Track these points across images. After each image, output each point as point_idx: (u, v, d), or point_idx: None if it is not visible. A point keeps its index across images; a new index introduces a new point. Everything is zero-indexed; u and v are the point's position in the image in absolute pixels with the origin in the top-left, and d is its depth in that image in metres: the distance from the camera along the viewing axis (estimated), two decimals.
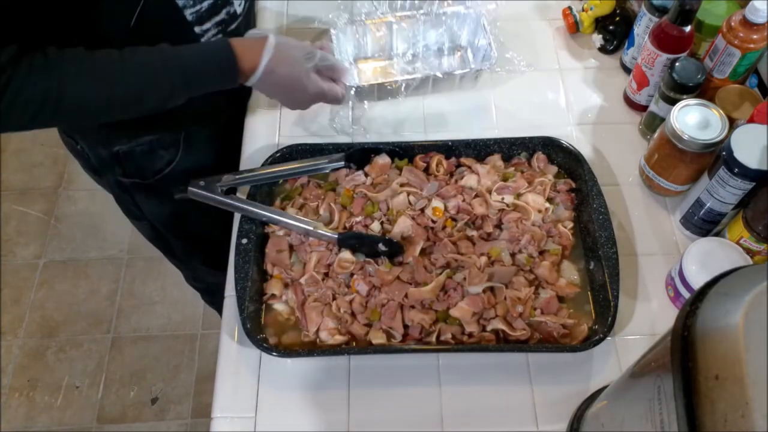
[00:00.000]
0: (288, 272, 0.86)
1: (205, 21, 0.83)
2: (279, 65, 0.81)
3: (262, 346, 0.78)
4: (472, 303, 0.80)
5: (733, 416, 0.35)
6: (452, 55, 1.06)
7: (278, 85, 0.85)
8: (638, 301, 0.86)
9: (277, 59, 0.81)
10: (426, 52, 1.05)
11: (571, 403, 0.76)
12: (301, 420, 0.78)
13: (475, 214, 0.88)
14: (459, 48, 1.05)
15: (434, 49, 1.05)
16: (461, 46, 1.04)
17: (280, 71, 0.82)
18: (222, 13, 0.85)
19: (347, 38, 1.03)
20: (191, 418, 1.77)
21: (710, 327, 0.39)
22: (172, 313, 1.94)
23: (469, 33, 1.03)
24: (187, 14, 0.80)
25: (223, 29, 0.87)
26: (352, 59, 1.04)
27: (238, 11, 0.88)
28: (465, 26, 1.03)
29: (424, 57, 1.05)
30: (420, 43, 1.04)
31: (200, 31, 0.84)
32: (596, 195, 0.87)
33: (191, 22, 0.81)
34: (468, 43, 1.04)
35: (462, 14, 1.03)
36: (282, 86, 0.85)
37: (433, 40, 1.04)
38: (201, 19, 0.82)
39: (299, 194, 0.92)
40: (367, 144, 0.93)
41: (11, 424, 1.76)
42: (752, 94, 0.91)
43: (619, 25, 1.08)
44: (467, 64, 1.04)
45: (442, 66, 1.05)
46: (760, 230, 0.79)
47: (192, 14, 0.81)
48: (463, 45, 1.04)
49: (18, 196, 2.17)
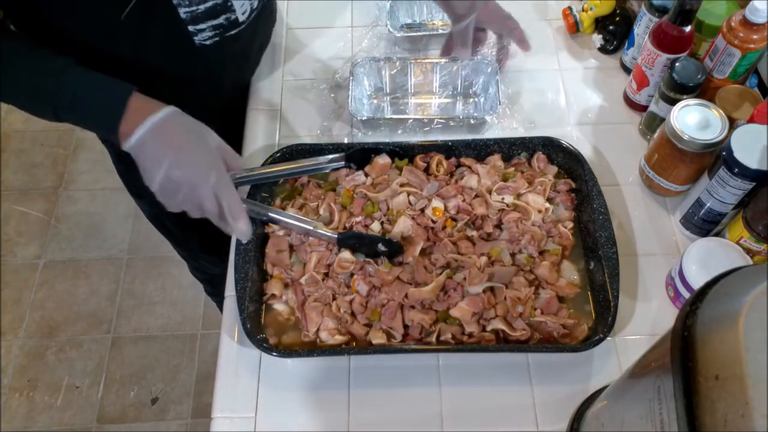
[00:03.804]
0: (288, 272, 0.86)
1: (200, 22, 0.82)
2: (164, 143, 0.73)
3: (262, 346, 0.78)
4: (472, 303, 0.80)
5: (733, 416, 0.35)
6: (465, 99, 1.06)
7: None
8: (638, 301, 0.86)
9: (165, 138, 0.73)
10: (441, 92, 1.05)
11: (571, 403, 0.76)
12: (301, 420, 0.79)
13: (475, 214, 0.88)
14: (474, 94, 1.05)
15: (451, 91, 1.05)
16: (476, 92, 1.05)
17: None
18: (220, 18, 0.84)
19: (366, 72, 1.03)
20: (191, 418, 1.77)
21: (710, 327, 0.39)
22: (172, 313, 1.94)
23: (485, 81, 1.03)
24: (181, 12, 0.79)
25: (221, 33, 0.86)
26: (368, 93, 1.05)
27: (240, 19, 0.87)
28: (480, 74, 1.03)
29: (440, 98, 1.06)
30: (435, 84, 1.05)
31: (194, 30, 0.83)
32: (596, 195, 0.87)
33: (184, 21, 0.81)
34: (482, 90, 1.04)
35: (476, 62, 1.03)
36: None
37: (451, 83, 1.05)
38: (196, 20, 0.82)
39: (299, 194, 0.92)
40: (368, 144, 0.93)
41: (11, 424, 1.76)
42: (752, 94, 0.91)
43: (619, 25, 1.08)
44: (478, 109, 1.04)
45: (454, 109, 1.05)
46: (760, 230, 0.79)
47: (186, 13, 0.80)
48: (478, 92, 1.05)
49: (18, 196, 2.17)
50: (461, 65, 1.02)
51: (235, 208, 0.76)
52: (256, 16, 0.91)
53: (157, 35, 0.81)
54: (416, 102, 1.06)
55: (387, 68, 1.03)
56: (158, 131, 0.72)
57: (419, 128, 1.00)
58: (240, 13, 0.86)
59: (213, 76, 0.95)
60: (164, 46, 0.84)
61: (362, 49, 1.11)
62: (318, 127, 1.02)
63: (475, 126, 1.01)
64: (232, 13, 0.85)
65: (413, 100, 1.06)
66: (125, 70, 0.79)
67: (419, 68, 1.03)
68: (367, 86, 1.05)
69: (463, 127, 1.01)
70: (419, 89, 1.06)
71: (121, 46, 0.81)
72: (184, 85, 0.90)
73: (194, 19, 0.81)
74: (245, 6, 0.86)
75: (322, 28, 1.14)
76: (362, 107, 1.02)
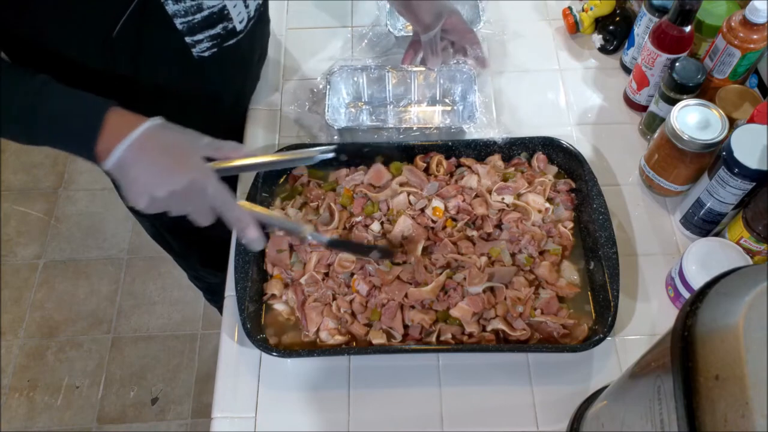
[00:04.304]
0: (288, 272, 0.86)
1: (197, 32, 0.80)
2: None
3: (262, 346, 0.78)
4: (473, 303, 0.80)
5: (733, 416, 0.35)
6: (443, 107, 1.05)
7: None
8: (638, 301, 0.86)
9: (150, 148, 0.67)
10: (421, 101, 1.05)
11: (571, 403, 0.76)
12: (301, 420, 0.79)
13: (475, 214, 0.88)
14: (452, 102, 1.04)
15: (429, 99, 1.05)
16: (454, 100, 1.04)
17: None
18: (218, 28, 0.82)
19: (343, 80, 1.02)
20: (191, 418, 1.77)
21: (710, 327, 0.39)
22: (172, 313, 1.94)
23: (463, 89, 1.03)
24: (177, 23, 0.77)
25: (219, 43, 0.84)
26: (345, 102, 1.04)
27: (238, 28, 0.85)
28: (458, 83, 1.03)
29: (419, 106, 1.05)
30: (414, 93, 1.04)
31: (191, 41, 0.81)
32: (596, 195, 0.87)
33: (181, 31, 0.79)
34: (461, 99, 1.03)
35: (454, 70, 1.02)
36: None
37: (429, 92, 1.04)
38: (193, 30, 0.80)
39: (299, 194, 0.92)
40: (368, 145, 0.93)
41: (11, 424, 1.76)
42: (752, 94, 0.91)
43: (619, 25, 1.08)
44: (457, 116, 1.03)
45: (433, 117, 1.04)
46: (760, 230, 0.79)
47: (183, 24, 0.78)
48: (456, 100, 1.04)
49: (18, 196, 2.17)
50: (439, 73, 1.02)
51: (241, 218, 0.71)
52: (254, 26, 0.90)
53: (153, 48, 0.79)
54: (394, 110, 1.05)
55: (364, 76, 1.02)
56: (138, 149, 0.66)
57: (397, 137, 0.98)
58: (237, 22, 0.84)
59: (213, 91, 0.93)
60: (161, 59, 0.82)
61: (362, 48, 1.10)
62: (308, 136, 1.02)
63: (455, 134, 0.99)
64: (230, 22, 0.83)
65: (391, 108, 1.05)
66: (121, 87, 0.78)
67: (396, 76, 1.02)
68: (345, 95, 1.04)
69: (442, 135, 0.99)
70: (397, 98, 1.05)
71: (117, 62, 0.79)
72: (183, 102, 0.89)
73: (191, 29, 0.79)
74: (242, 14, 0.84)
75: (323, 28, 1.14)
76: (339, 116, 1.01)
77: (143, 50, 0.79)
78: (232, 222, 0.71)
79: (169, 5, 0.74)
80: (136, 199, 0.68)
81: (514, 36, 1.12)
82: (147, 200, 0.67)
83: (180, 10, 0.76)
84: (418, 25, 0.96)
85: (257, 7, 0.88)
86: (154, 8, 0.74)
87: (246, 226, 0.71)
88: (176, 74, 0.86)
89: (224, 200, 0.69)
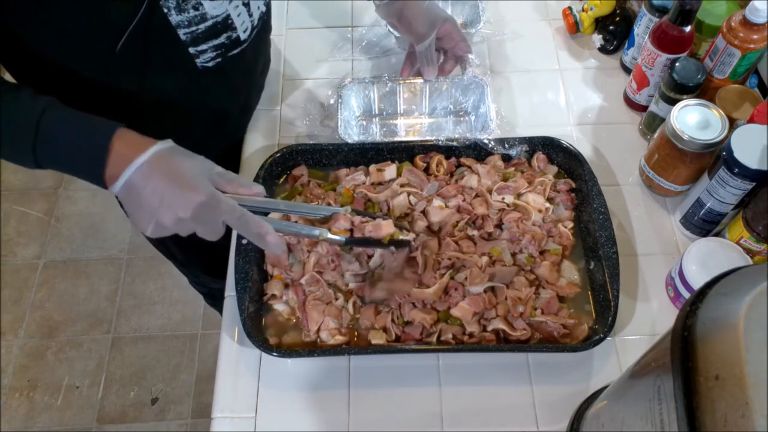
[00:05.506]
0: (288, 273, 0.86)
1: (201, 43, 0.80)
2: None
3: (262, 347, 0.78)
4: (473, 303, 0.80)
5: (733, 416, 0.35)
6: (457, 119, 1.04)
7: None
8: (638, 301, 0.86)
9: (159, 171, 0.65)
10: (432, 113, 1.04)
11: (571, 403, 0.76)
12: (301, 420, 0.79)
13: (475, 214, 0.88)
14: (464, 113, 1.03)
15: (441, 111, 1.04)
16: (467, 111, 1.03)
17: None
18: (222, 38, 0.81)
19: (355, 94, 1.01)
20: (191, 418, 1.77)
21: (710, 327, 0.39)
22: (172, 313, 1.94)
23: (475, 100, 1.02)
24: (181, 34, 0.76)
25: (223, 53, 0.83)
26: (356, 115, 1.03)
27: (242, 38, 0.84)
28: (470, 94, 1.02)
29: (430, 117, 1.04)
30: (425, 104, 1.03)
31: (195, 52, 0.80)
32: (596, 195, 0.87)
33: (185, 42, 0.78)
34: (473, 109, 1.03)
35: (467, 82, 1.01)
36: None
37: (440, 104, 1.03)
38: (197, 41, 0.79)
39: (299, 194, 0.92)
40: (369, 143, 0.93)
41: (11, 424, 1.76)
42: (752, 94, 0.91)
43: (619, 25, 1.08)
44: (470, 128, 1.02)
45: (445, 129, 1.03)
46: (760, 230, 0.79)
47: (186, 34, 0.77)
48: (469, 110, 1.03)
49: (18, 196, 2.17)
50: (450, 85, 1.01)
51: (257, 227, 0.69)
52: (258, 35, 0.89)
53: (157, 61, 0.78)
54: (406, 123, 1.04)
55: (375, 90, 1.01)
56: (146, 174, 0.64)
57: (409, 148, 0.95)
58: (241, 31, 0.83)
59: (217, 103, 0.93)
60: (165, 71, 0.81)
61: (362, 48, 1.11)
62: (318, 125, 1.01)
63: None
64: (234, 32, 0.82)
65: (403, 120, 1.04)
66: (125, 100, 0.77)
67: (408, 88, 1.01)
68: (356, 108, 1.03)
69: None
70: (408, 110, 1.04)
71: (121, 75, 0.78)
72: (187, 114, 0.88)
73: (195, 40, 0.78)
74: (246, 24, 0.84)
75: (322, 28, 1.14)
76: (351, 130, 0.99)
77: (147, 63, 0.78)
78: (251, 235, 0.70)
79: (173, 16, 0.74)
80: (142, 225, 0.67)
81: (514, 36, 1.12)
82: (153, 227, 0.66)
83: (184, 20, 0.75)
84: (411, 35, 0.95)
85: (261, 16, 0.88)
86: (158, 19, 0.73)
87: (266, 234, 0.69)
88: (180, 86, 0.85)
89: (239, 215, 0.68)
